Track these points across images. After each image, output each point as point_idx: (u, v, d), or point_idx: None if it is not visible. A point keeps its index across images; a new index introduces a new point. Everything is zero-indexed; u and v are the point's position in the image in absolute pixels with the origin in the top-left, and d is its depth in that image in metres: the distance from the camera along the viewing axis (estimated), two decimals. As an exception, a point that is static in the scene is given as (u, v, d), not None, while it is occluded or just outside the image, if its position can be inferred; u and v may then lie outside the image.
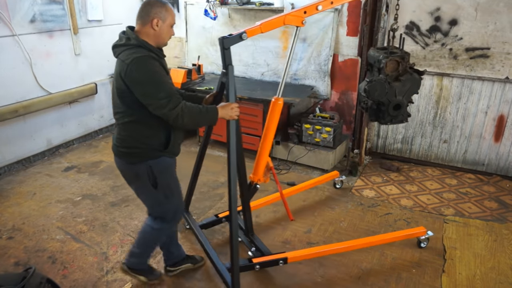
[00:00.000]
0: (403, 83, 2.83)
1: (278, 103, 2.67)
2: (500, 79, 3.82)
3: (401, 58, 2.79)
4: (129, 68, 2.00)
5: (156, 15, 2.11)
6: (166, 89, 2.05)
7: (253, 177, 2.78)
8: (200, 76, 4.86)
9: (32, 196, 3.66)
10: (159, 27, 2.12)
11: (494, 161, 4.10)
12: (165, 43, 2.22)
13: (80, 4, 4.48)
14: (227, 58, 2.31)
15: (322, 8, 2.46)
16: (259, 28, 2.37)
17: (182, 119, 2.10)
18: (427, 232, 2.99)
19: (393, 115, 2.92)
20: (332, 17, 4.29)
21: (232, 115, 2.28)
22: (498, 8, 3.64)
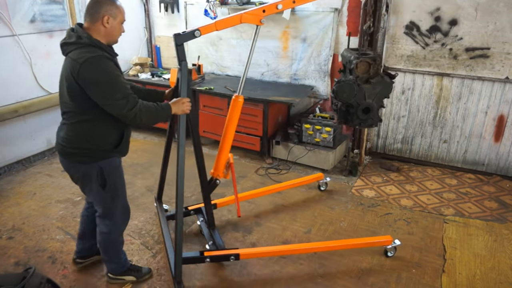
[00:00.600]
0: (373, 86, 2.76)
1: (238, 100, 2.67)
2: (500, 79, 3.82)
3: (372, 60, 2.72)
4: (82, 68, 1.96)
5: (106, 12, 2.07)
6: (122, 90, 2.04)
7: (214, 172, 2.81)
8: (200, 76, 4.86)
9: (32, 196, 3.66)
10: (110, 24, 2.09)
11: (494, 161, 4.10)
12: (116, 40, 2.19)
13: (80, 4, 4.48)
14: (180, 54, 2.33)
15: (282, 7, 2.42)
16: (214, 25, 2.35)
17: (140, 118, 2.11)
18: (394, 241, 2.87)
19: (362, 118, 2.85)
20: (332, 17, 4.29)
21: (184, 109, 2.33)
22: (498, 8, 3.64)
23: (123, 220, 2.49)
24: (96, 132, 2.16)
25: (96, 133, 2.16)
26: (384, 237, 2.93)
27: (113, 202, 2.36)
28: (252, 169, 4.28)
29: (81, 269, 2.74)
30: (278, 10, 2.43)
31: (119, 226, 2.47)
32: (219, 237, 2.87)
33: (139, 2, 5.30)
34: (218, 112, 4.55)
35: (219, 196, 3.63)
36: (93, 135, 2.16)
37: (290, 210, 3.49)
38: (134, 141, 4.88)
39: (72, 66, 2.00)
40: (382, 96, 2.84)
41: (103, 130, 2.17)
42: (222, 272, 2.74)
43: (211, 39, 5.10)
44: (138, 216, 3.37)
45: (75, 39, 2.05)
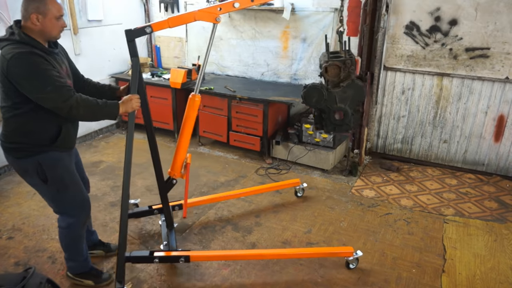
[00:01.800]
0: (343, 90, 2.64)
1: (195, 100, 2.62)
2: (500, 79, 3.82)
3: (342, 63, 2.59)
4: (10, 64, 1.96)
5: (33, 11, 2.02)
6: (53, 82, 2.00)
7: (171, 172, 2.75)
8: (200, 76, 4.85)
9: (32, 196, 3.65)
10: (41, 22, 2.04)
11: (494, 161, 4.10)
12: (55, 36, 2.15)
13: (80, 4, 4.48)
14: (131, 50, 2.32)
15: (239, 5, 2.33)
16: (167, 22, 2.31)
17: (77, 111, 2.08)
18: (356, 252, 2.76)
19: (336, 123, 2.74)
20: (332, 17, 4.29)
21: (133, 106, 2.32)
22: (498, 8, 3.64)
23: (79, 213, 2.42)
24: (31, 127, 2.15)
25: (31, 127, 2.15)
26: (346, 248, 2.83)
27: (60, 196, 2.33)
28: (252, 169, 4.28)
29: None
30: (235, 8, 2.35)
31: (75, 220, 2.40)
32: (174, 238, 2.84)
33: (139, 2, 5.30)
34: (218, 112, 4.55)
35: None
36: (28, 130, 2.15)
37: (290, 210, 3.49)
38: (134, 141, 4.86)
39: (1, 62, 2.00)
40: (355, 100, 2.70)
41: (38, 125, 2.16)
42: (222, 272, 2.74)
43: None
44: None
45: (8, 35, 2.04)
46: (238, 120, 4.45)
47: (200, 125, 4.73)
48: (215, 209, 3.50)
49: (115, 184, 3.88)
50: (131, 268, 2.76)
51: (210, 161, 4.46)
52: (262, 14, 4.66)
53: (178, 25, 2.36)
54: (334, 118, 2.72)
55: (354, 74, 2.70)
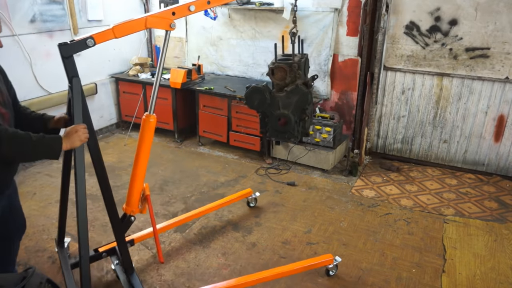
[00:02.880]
0: (287, 95, 2.45)
1: (149, 121, 2.20)
2: (500, 79, 3.82)
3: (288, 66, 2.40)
4: None
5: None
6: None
7: (126, 208, 2.35)
8: (200, 76, 4.86)
9: (32, 196, 3.65)
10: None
11: (494, 161, 4.10)
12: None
13: (80, 4, 4.48)
14: (69, 69, 1.89)
15: (195, 8, 2.12)
16: (112, 32, 1.94)
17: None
18: (335, 259, 2.67)
19: (278, 130, 2.53)
20: (332, 17, 4.29)
21: (81, 139, 1.94)
22: (498, 8, 3.64)
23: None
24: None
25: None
26: (325, 256, 2.70)
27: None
28: (252, 169, 4.28)
29: (81, 269, 2.74)
30: (191, 12, 2.12)
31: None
32: (140, 284, 2.36)
33: (139, 2, 5.30)
34: (218, 112, 4.55)
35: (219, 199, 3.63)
36: None
37: (290, 210, 3.49)
38: (134, 141, 4.88)
39: None
40: (299, 107, 2.48)
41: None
42: (222, 272, 2.73)
43: (211, 39, 5.10)
44: (138, 216, 3.36)
45: None
46: (238, 120, 4.45)
47: (200, 125, 4.73)
48: (215, 209, 3.50)
49: (115, 184, 3.88)
50: (131, 268, 2.76)
51: (210, 161, 4.46)
52: (262, 14, 4.66)
53: (125, 34, 2.01)
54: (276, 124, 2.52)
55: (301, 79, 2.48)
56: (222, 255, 2.90)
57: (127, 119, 5.15)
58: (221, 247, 2.99)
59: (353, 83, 4.42)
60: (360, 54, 4.23)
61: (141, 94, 4.91)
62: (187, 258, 2.89)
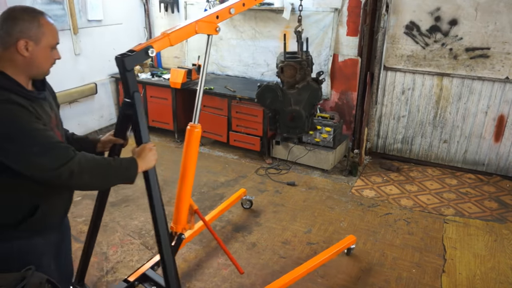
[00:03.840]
0: (299, 92, 2.53)
1: (195, 131, 2.07)
2: (500, 79, 3.82)
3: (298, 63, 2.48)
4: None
5: (23, 35, 1.40)
6: (41, 141, 1.39)
7: (175, 226, 2.16)
8: (200, 76, 4.85)
9: (32, 196, 3.65)
10: (30, 51, 1.42)
11: (494, 161, 4.10)
12: (45, 72, 1.54)
13: (80, 4, 4.48)
14: (131, 83, 1.70)
15: (234, 11, 2.11)
16: (168, 39, 1.83)
17: (79, 179, 1.44)
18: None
19: (289, 125, 2.59)
20: (332, 17, 4.29)
21: (155, 158, 1.79)
22: (498, 8, 3.64)
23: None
24: None
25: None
26: (349, 238, 2.87)
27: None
28: (252, 169, 4.28)
29: (81, 269, 2.74)
30: (231, 14, 2.11)
31: None
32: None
33: (139, 2, 5.30)
34: (218, 112, 4.55)
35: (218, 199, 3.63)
36: None
37: (290, 210, 3.49)
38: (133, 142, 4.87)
39: None
40: (310, 103, 2.57)
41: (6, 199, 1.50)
42: (222, 272, 2.74)
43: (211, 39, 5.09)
44: (138, 216, 3.36)
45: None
46: (238, 120, 4.45)
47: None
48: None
49: (115, 184, 3.88)
50: (131, 268, 2.76)
51: (210, 161, 4.46)
52: (262, 14, 4.66)
53: (179, 41, 1.92)
54: (288, 120, 2.58)
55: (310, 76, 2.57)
56: (222, 255, 2.90)
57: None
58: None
59: (353, 83, 4.42)
60: (360, 54, 4.23)
61: (141, 94, 4.90)
62: (187, 258, 2.89)
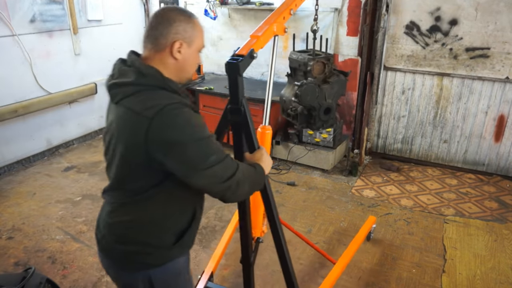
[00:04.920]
0: (331, 86, 2.68)
1: (266, 133, 2.05)
2: (500, 79, 3.82)
3: (326, 59, 2.65)
4: (155, 125, 1.20)
5: (178, 36, 1.32)
6: (216, 149, 1.31)
7: (254, 231, 2.18)
8: (200, 76, 4.86)
9: (32, 196, 3.65)
10: (183, 54, 1.33)
11: (494, 161, 4.10)
12: (190, 77, 1.45)
13: (80, 4, 4.48)
14: (241, 88, 1.66)
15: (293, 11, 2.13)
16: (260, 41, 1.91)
17: (242, 189, 1.38)
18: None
19: (324, 119, 2.74)
20: (332, 17, 4.29)
21: (271, 163, 1.67)
22: (498, 8, 3.64)
23: None
24: (160, 217, 1.37)
25: (160, 217, 1.37)
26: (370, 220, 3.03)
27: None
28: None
29: (81, 269, 2.74)
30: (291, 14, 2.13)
31: None
32: None
33: (139, 2, 5.30)
34: (218, 112, 4.54)
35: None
36: (155, 222, 1.37)
37: (290, 210, 3.49)
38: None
39: (134, 122, 1.23)
40: (338, 95, 2.77)
41: (164, 215, 1.38)
42: (222, 272, 2.73)
43: (211, 39, 5.10)
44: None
45: (135, 77, 1.28)
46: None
47: (200, 125, 4.72)
48: (215, 209, 3.49)
49: (115, 184, 3.88)
50: (131, 268, 2.76)
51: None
52: (262, 14, 4.66)
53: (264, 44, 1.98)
54: (323, 115, 2.71)
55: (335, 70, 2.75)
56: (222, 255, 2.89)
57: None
58: (221, 247, 2.99)
59: (353, 83, 4.42)
60: (360, 54, 4.23)
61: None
62: (187, 258, 2.88)
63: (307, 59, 2.65)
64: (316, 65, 2.66)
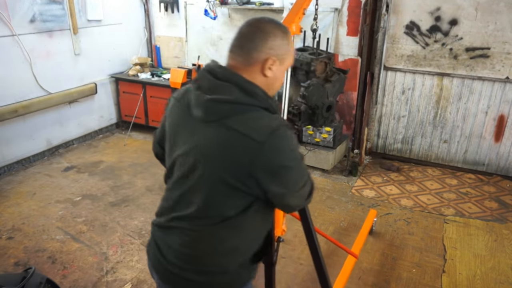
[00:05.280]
0: (333, 84, 2.75)
1: None
2: (500, 79, 3.82)
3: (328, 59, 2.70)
4: (268, 149, 1.14)
5: (271, 52, 1.22)
6: (305, 167, 1.29)
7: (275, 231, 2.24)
8: (200, 76, 4.85)
9: (32, 196, 3.65)
10: (274, 71, 1.24)
11: (494, 161, 4.10)
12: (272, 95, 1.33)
13: (80, 4, 4.48)
14: None
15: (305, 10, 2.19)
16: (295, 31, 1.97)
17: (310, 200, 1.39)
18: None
19: (325, 117, 2.85)
20: (332, 17, 4.29)
21: None
22: (498, 8, 3.64)
23: None
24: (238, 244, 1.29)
25: (239, 245, 1.30)
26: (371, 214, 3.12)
27: None
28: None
29: (81, 269, 2.74)
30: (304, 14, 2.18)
31: None
32: None
33: (139, 2, 5.29)
34: (218, 112, 4.54)
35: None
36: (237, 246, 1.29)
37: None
38: (134, 141, 4.88)
39: (239, 144, 1.15)
40: (338, 93, 2.84)
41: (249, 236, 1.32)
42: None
43: (211, 39, 5.10)
44: (138, 216, 3.36)
45: (238, 95, 1.18)
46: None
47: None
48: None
49: (115, 184, 3.88)
50: (131, 268, 2.76)
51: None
52: (262, 13, 4.65)
53: None
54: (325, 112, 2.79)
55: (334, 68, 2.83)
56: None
57: (127, 119, 5.15)
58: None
59: (353, 83, 4.42)
60: (360, 54, 4.23)
61: (141, 94, 4.91)
62: (187, 258, 2.88)
63: (310, 59, 2.66)
64: (318, 64, 2.68)
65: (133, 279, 2.65)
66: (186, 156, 1.23)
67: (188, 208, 1.26)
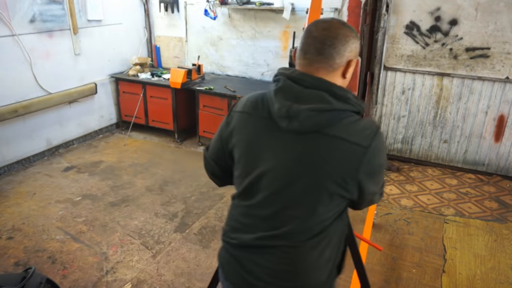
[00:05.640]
0: None
1: None
2: (500, 79, 3.82)
3: None
4: (372, 153, 1.16)
5: (351, 54, 1.22)
6: None
7: None
8: (200, 76, 4.86)
9: (32, 196, 3.65)
10: (350, 73, 1.25)
11: (495, 161, 4.10)
12: None
13: (80, 4, 4.48)
14: None
15: None
16: None
17: None
18: None
19: None
20: (332, 17, 4.29)
21: None
22: (499, 8, 3.64)
23: None
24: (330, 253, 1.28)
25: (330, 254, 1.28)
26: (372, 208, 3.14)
27: None
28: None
29: (81, 269, 2.74)
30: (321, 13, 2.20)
31: None
32: None
33: (139, 2, 5.30)
34: (218, 112, 4.54)
35: (218, 199, 3.62)
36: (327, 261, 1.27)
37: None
38: (134, 141, 4.88)
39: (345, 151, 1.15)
40: None
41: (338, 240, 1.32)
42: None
43: (211, 39, 5.10)
44: (138, 216, 3.36)
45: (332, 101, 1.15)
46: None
47: (200, 125, 4.72)
48: (215, 209, 3.49)
49: (115, 184, 3.88)
50: (131, 268, 2.76)
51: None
52: (262, 14, 4.66)
53: None
54: None
55: None
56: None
57: (127, 119, 5.15)
58: (221, 247, 2.99)
59: (353, 83, 4.42)
60: (360, 54, 4.22)
61: (141, 94, 4.91)
62: (187, 258, 2.88)
63: None
64: None
65: (133, 279, 2.65)
66: (279, 171, 1.20)
67: (287, 224, 1.21)
